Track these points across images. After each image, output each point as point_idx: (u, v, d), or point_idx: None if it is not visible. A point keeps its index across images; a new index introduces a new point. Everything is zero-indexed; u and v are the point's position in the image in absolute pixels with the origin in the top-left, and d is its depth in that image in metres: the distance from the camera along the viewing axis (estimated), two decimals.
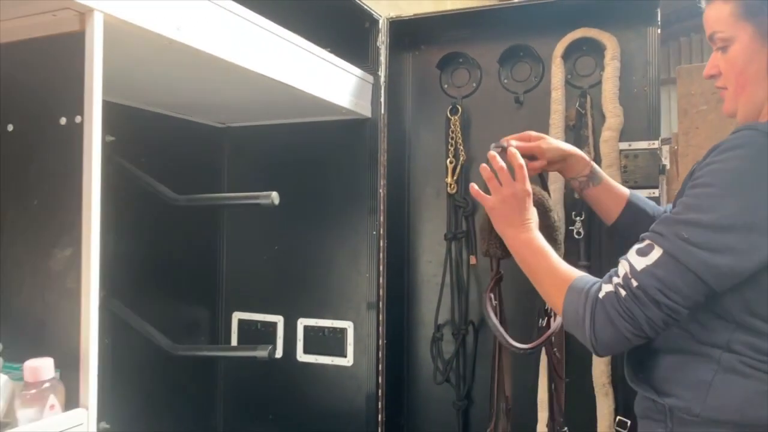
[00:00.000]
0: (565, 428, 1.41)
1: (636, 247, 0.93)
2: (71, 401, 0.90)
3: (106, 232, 1.54)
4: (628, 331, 0.89)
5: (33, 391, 0.86)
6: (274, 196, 1.36)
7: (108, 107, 0.91)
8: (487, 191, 1.20)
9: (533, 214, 1.16)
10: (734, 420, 0.87)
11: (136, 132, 1.61)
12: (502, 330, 1.24)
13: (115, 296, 1.52)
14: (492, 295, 1.31)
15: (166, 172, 1.64)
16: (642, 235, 0.94)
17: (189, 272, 1.88)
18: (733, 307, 0.89)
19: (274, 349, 1.40)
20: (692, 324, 0.94)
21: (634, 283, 0.89)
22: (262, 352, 1.34)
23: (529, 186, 1.16)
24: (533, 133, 1.30)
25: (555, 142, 1.30)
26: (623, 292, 0.90)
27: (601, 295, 0.92)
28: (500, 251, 1.25)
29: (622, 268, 0.93)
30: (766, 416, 0.85)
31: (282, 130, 1.91)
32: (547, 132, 1.70)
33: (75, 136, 0.93)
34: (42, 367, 0.87)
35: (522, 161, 1.16)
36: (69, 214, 0.93)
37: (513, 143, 1.22)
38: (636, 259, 0.90)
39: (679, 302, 0.87)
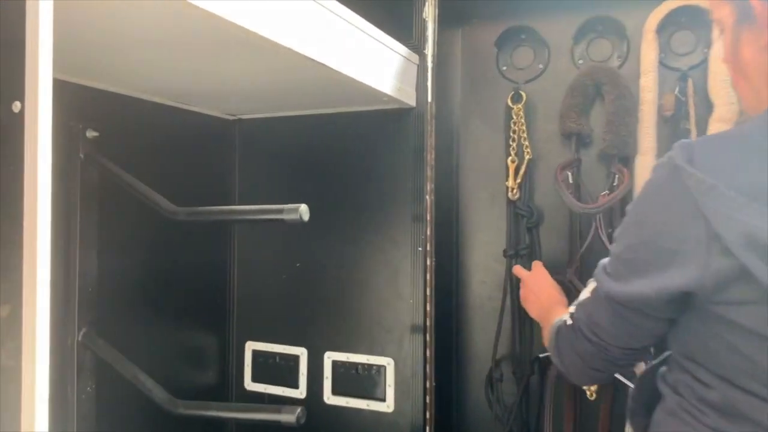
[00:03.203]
0: None
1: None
2: None
3: (87, 249, 1.26)
4: (578, 361, 0.87)
5: None
6: (303, 210, 1.03)
7: (86, 93, 0.64)
8: None
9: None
10: None
11: (126, 126, 1.33)
12: None
13: (101, 329, 1.23)
14: None
15: (165, 174, 1.36)
16: None
17: (192, 294, 1.56)
18: (674, 349, 0.82)
19: (304, 412, 1.06)
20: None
21: (575, 316, 0.88)
22: (288, 416, 1.01)
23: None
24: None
25: None
26: (569, 322, 0.89)
27: (559, 323, 0.91)
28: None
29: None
30: None
31: (305, 123, 1.58)
32: (634, 127, 1.38)
33: (11, 130, 0.60)
34: None
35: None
36: (5, 255, 0.61)
37: None
38: (584, 290, 0.89)
39: (603, 338, 0.83)
